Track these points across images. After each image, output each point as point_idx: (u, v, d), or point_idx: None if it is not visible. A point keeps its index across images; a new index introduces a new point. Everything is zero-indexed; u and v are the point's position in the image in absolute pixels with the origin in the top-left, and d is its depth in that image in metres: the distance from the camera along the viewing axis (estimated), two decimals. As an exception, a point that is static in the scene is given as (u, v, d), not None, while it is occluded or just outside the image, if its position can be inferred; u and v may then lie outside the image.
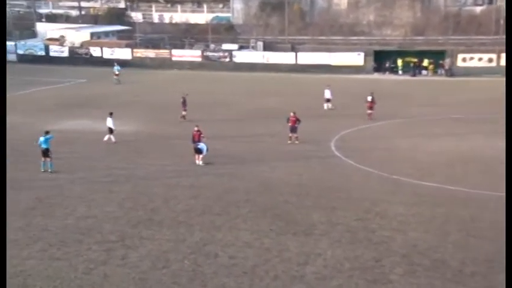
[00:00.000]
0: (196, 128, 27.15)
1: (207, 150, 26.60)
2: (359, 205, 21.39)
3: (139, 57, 65.96)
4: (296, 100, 43.59)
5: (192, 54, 65.96)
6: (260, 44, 69.36)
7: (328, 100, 40.30)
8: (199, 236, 18.66)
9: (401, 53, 59.10)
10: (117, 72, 53.30)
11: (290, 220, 20.00)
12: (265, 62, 62.73)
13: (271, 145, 30.69)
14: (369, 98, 36.61)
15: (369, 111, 36.37)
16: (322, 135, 32.78)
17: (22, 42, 71.31)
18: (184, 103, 36.67)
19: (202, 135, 26.77)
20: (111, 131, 30.55)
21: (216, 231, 19.05)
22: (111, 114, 30.81)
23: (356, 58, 59.80)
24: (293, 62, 61.99)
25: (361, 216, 20.34)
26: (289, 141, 30.67)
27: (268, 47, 68.01)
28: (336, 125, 35.24)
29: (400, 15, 73.54)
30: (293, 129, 30.62)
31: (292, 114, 30.62)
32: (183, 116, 36.14)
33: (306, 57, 62.03)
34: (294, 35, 72.07)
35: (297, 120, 30.55)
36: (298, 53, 63.06)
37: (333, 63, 59.96)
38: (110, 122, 30.55)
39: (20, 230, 18.90)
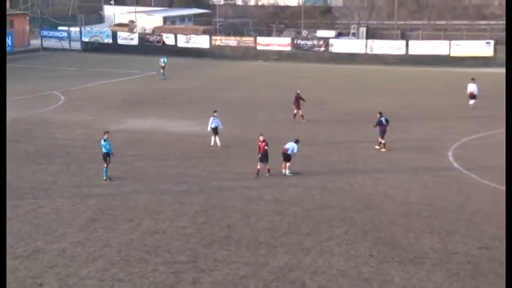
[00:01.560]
0: (261, 138, 27.00)
1: (294, 151, 26.59)
2: (483, 230, 20.72)
3: (219, 46, 67.40)
4: (405, 99, 42.76)
5: (280, 43, 66.52)
6: (363, 30, 68.71)
7: (473, 96, 39.26)
8: (284, 260, 18.68)
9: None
10: (163, 64, 53.19)
11: (395, 245, 19.63)
12: (369, 52, 62.14)
13: (374, 153, 30.28)
14: None
15: None
16: (438, 142, 31.98)
17: (88, 28, 74.86)
18: (297, 101, 36.66)
19: (266, 147, 26.40)
20: (216, 132, 30.97)
21: (303, 254, 19.00)
22: (215, 112, 31.29)
23: (484, 47, 57.91)
24: (403, 52, 61.00)
25: (485, 243, 19.67)
26: (377, 147, 30.84)
27: (372, 34, 67.32)
28: (456, 129, 34.26)
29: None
30: (382, 133, 30.64)
31: (379, 115, 30.84)
32: (301, 116, 36.45)
33: (420, 47, 60.81)
34: (405, 20, 70.77)
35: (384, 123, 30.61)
36: (410, 42, 61.91)
37: (453, 54, 58.37)
38: (215, 122, 31.05)
39: (79, 244, 19.76)
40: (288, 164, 26.72)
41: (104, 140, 26.03)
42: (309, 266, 18.29)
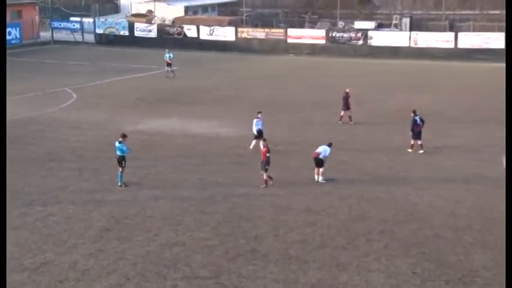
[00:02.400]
0: (262, 143, 26.98)
1: (326, 155, 26.59)
2: (541, 246, 20.36)
3: (245, 39, 67.63)
4: (454, 98, 42.40)
5: (313, 35, 66.48)
6: (406, 21, 68.34)
7: None
8: (317, 276, 18.66)
9: None
10: (168, 60, 52.29)
11: (442, 262, 19.51)
12: (413, 45, 61.84)
13: (418, 159, 30.11)
14: None
15: None
16: (491, 146, 31.61)
17: (102, 19, 75.65)
18: (346, 101, 36.53)
19: (268, 154, 26.29)
20: (259, 135, 30.74)
21: (338, 270, 18.97)
22: (259, 113, 31.32)
23: (542, 40, 56.97)
24: (451, 45, 60.57)
25: (544, 262, 19.33)
26: (410, 150, 30.92)
27: (417, 26, 66.91)
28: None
29: None
30: (417, 135, 30.74)
31: (412, 114, 30.84)
32: (349, 117, 36.35)
33: (470, 40, 60.34)
34: (454, 9, 70.20)
35: (421, 123, 30.65)
36: (459, 34, 61.40)
37: (510, 47, 57.67)
38: (259, 124, 30.95)
39: (92, 257, 19.96)
40: (320, 170, 26.69)
41: (119, 142, 26.24)
42: (344, 283, 18.24)
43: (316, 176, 26.77)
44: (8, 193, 25.14)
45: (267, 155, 26.21)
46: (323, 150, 26.85)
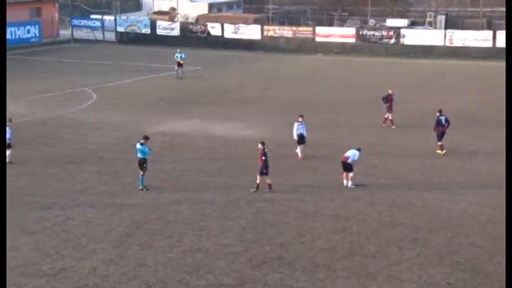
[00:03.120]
0: (260, 146, 26.61)
1: (355, 160, 26.56)
2: None
3: (271, 37, 67.71)
4: (493, 99, 42.00)
5: (343, 34, 66.36)
6: (441, 18, 67.92)
7: None
8: (345, 285, 18.64)
9: None
10: (179, 60, 52.03)
11: (478, 272, 19.40)
12: (448, 44, 61.47)
13: (453, 163, 29.93)
14: None
15: None
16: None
17: (123, 16, 76.22)
18: (390, 102, 36.22)
19: (263, 157, 26.16)
20: (301, 140, 30.36)
21: (368, 280, 18.92)
22: (300, 117, 30.72)
23: None
24: (489, 44, 60.04)
25: None
26: (439, 151, 31.13)
27: (452, 23, 66.44)
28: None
29: None
30: (441, 135, 31.02)
31: (438, 113, 31.12)
32: (391, 120, 35.94)
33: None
34: (492, 6, 69.55)
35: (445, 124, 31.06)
36: (498, 32, 60.80)
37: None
38: (300, 129, 30.51)
39: (112, 263, 20.11)
40: (349, 174, 26.64)
41: (141, 144, 26.41)
42: (374, 293, 18.22)
43: (345, 181, 26.71)
44: (25, 196, 25.58)
45: (263, 158, 26.10)
46: (352, 154, 26.80)
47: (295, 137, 30.60)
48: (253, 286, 18.59)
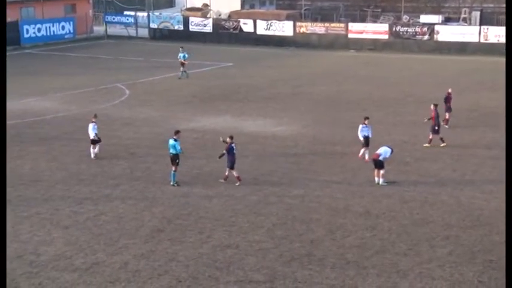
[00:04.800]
0: (228, 139, 26.93)
1: (386, 157, 26.43)
2: None
3: (304, 34, 67.58)
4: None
5: (376, 30, 66.02)
6: (476, 14, 67.11)
7: None
8: (376, 283, 18.59)
9: None
10: (182, 60, 50.84)
11: (509, 271, 19.18)
12: (483, 41, 60.77)
13: (487, 161, 29.65)
14: None
15: None
16: None
17: (156, 13, 76.65)
18: (449, 102, 35.72)
19: (225, 151, 26.72)
20: (367, 142, 29.59)
21: (399, 278, 18.85)
22: (366, 119, 29.96)
23: None
24: (525, 40, 59.16)
25: None
26: (443, 144, 31.63)
27: (488, 20, 65.64)
28: None
29: None
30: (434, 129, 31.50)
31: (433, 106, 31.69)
32: (447, 120, 35.25)
33: (545, 34, 58.80)
34: (528, 2, 68.59)
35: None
36: (533, 28, 60.03)
37: None
38: (365, 130, 29.77)
39: (143, 257, 20.29)
40: (381, 171, 26.53)
41: (174, 140, 26.56)
42: (404, 291, 18.15)
43: (376, 178, 26.61)
44: (58, 191, 25.92)
45: (225, 152, 26.72)
46: (383, 151, 26.68)
47: (361, 138, 29.90)
48: (283, 282, 18.63)
